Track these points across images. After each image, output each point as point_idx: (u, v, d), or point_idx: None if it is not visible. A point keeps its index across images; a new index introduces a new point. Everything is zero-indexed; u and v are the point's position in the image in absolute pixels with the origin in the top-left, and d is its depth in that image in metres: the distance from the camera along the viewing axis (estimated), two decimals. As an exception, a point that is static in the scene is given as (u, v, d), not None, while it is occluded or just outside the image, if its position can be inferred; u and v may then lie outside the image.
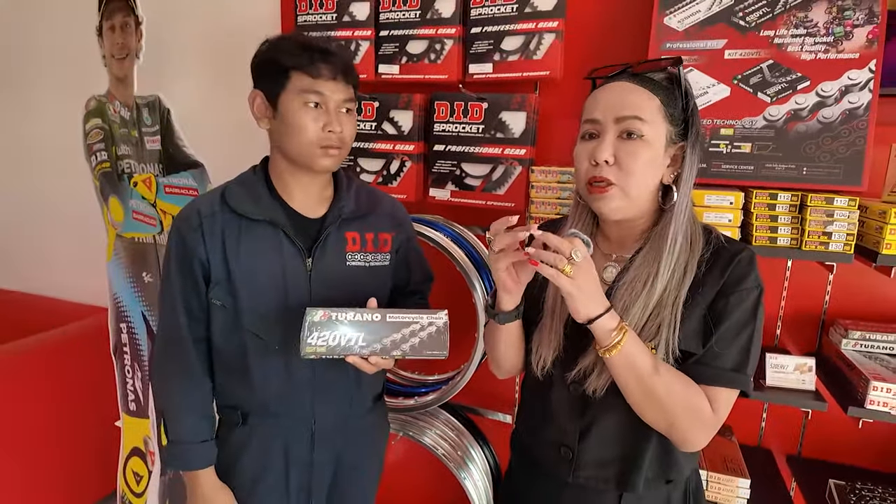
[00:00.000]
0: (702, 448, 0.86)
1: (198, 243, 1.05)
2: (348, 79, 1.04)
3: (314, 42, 1.02)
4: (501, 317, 0.91)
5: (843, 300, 1.41)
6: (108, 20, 1.75)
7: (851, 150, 1.22)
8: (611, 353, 0.79)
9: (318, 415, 1.13)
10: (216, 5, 2.00)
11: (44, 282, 2.62)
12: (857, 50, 1.22)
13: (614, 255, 0.92)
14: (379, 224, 1.16)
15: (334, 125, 1.02)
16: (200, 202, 1.09)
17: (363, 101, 1.66)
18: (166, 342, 1.12)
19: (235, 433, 1.13)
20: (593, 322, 0.78)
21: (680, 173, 0.85)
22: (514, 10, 1.47)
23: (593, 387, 0.86)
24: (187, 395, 1.11)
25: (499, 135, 1.54)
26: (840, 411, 1.23)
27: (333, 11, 1.66)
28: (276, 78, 1.02)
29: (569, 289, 0.76)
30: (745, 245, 0.87)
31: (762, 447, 1.52)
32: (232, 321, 1.08)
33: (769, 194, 1.22)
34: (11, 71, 2.53)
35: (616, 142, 0.83)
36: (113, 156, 1.82)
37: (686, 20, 1.34)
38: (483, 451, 1.73)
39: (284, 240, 1.06)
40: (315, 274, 1.08)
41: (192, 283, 1.07)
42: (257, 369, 1.09)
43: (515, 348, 0.97)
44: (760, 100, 1.29)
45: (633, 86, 0.83)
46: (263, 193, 1.08)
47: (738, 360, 0.82)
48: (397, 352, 0.96)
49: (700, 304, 0.83)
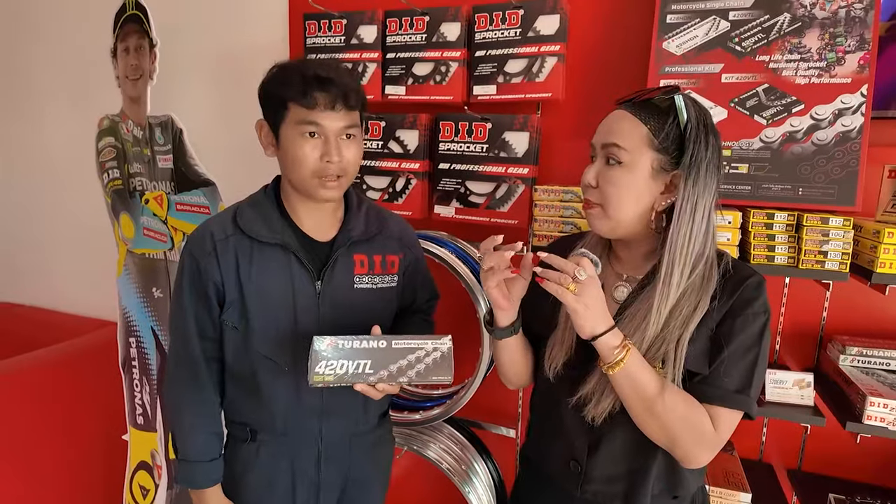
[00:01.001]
0: (705, 465, 0.88)
1: (212, 267, 1.06)
2: (349, 105, 1.02)
3: (313, 71, 1.00)
4: (498, 332, 0.94)
5: (840, 317, 1.44)
6: (122, 42, 1.80)
7: (845, 171, 1.26)
8: (613, 370, 0.81)
9: (326, 434, 1.14)
10: (227, 29, 2.06)
11: (53, 296, 2.65)
12: (850, 75, 1.26)
13: (626, 275, 0.94)
14: (387, 246, 1.17)
15: (332, 155, 1.01)
16: (213, 224, 1.09)
17: (370, 121, 1.71)
18: (178, 362, 1.12)
19: (243, 449, 1.15)
20: (597, 339, 0.81)
21: (673, 202, 0.84)
22: (518, 34, 1.52)
23: (592, 415, 0.88)
24: (198, 415, 1.13)
25: (502, 154, 1.58)
26: (839, 426, 1.25)
27: (342, 34, 1.71)
28: (276, 109, 1.03)
29: (573, 305, 0.79)
30: (755, 270, 0.88)
31: (763, 462, 1.54)
32: (243, 343, 1.09)
33: (766, 214, 1.26)
34: (25, 89, 2.58)
35: (601, 166, 0.87)
36: (125, 173, 1.86)
37: (684, 45, 1.39)
38: (487, 466, 1.74)
39: (295, 263, 1.07)
40: (324, 297, 1.09)
41: (205, 306, 1.08)
42: (267, 389, 1.10)
43: (520, 363, 1.00)
44: (757, 122, 1.33)
45: (627, 114, 0.87)
46: (275, 217, 1.09)
47: (742, 382, 0.83)
48: (404, 378, 0.97)
49: (708, 325, 0.85)
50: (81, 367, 2.18)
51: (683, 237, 0.83)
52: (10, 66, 2.58)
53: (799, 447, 1.51)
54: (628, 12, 1.52)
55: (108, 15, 1.85)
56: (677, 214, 0.83)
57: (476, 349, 1.60)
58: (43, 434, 2.04)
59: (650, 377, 0.82)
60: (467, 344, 1.77)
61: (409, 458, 1.90)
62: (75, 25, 2.39)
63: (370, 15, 1.66)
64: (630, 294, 0.91)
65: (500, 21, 1.53)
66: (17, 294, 2.74)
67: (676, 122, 0.84)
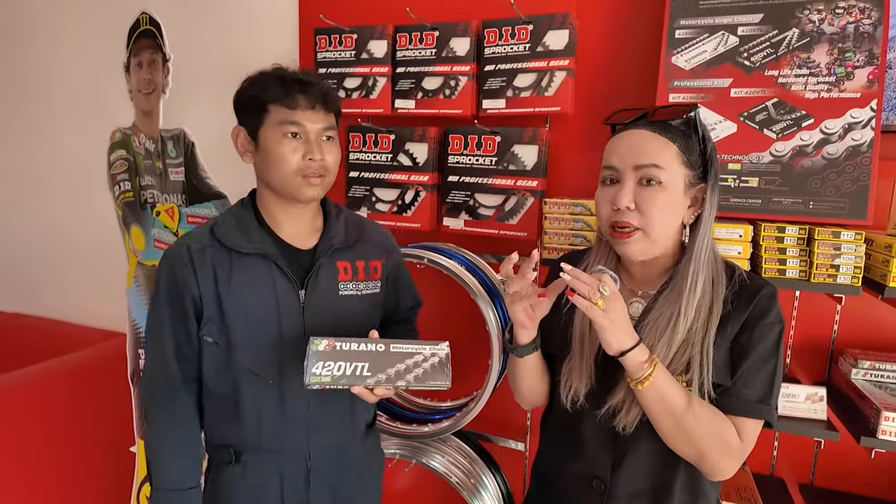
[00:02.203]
0: (728, 477, 0.87)
1: (190, 280, 1.03)
2: (328, 107, 1.05)
3: (291, 74, 1.03)
4: (520, 350, 0.94)
5: (851, 330, 1.44)
6: (135, 56, 1.83)
7: (856, 185, 1.26)
8: (643, 384, 0.81)
9: (314, 448, 1.11)
10: (239, 43, 2.08)
11: (63, 307, 2.66)
12: (859, 90, 1.26)
13: (640, 290, 0.94)
14: (369, 252, 1.16)
15: (315, 153, 1.02)
16: (189, 238, 1.07)
17: (380, 134, 1.72)
18: (154, 385, 1.09)
19: (227, 472, 1.10)
20: (625, 354, 0.81)
21: (700, 213, 0.88)
22: (527, 48, 1.53)
23: (623, 423, 0.88)
24: (176, 442, 1.08)
25: (511, 167, 1.59)
26: (852, 441, 1.24)
27: (352, 49, 1.73)
28: (256, 113, 1.03)
29: (601, 321, 0.79)
30: (767, 281, 0.90)
31: (775, 476, 1.53)
32: (224, 358, 1.06)
33: (777, 227, 1.26)
34: (40, 105, 2.61)
35: (636, 188, 0.86)
36: (136, 186, 1.88)
37: (693, 59, 1.40)
38: (496, 479, 1.73)
39: (276, 272, 1.06)
40: (308, 305, 1.07)
41: (182, 322, 1.05)
42: (250, 406, 1.07)
43: (538, 381, 0.99)
44: (766, 136, 1.33)
45: (651, 133, 0.87)
46: (253, 226, 1.07)
47: (763, 392, 0.85)
48: (401, 382, 0.96)
49: (726, 339, 0.86)
50: (91, 378, 2.19)
51: (706, 245, 0.87)
52: (27, 83, 2.62)
53: (811, 462, 1.49)
54: (637, 27, 1.53)
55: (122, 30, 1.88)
56: (703, 225, 0.87)
57: (485, 361, 1.60)
58: (51, 444, 2.04)
59: (678, 391, 0.82)
60: (476, 356, 1.77)
61: (418, 470, 1.89)
62: (90, 42, 2.42)
63: (380, 30, 1.68)
64: (644, 309, 0.92)
65: (510, 36, 1.55)
66: (28, 305, 2.76)
67: (697, 138, 0.87)
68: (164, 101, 1.80)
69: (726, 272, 0.89)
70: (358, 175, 1.77)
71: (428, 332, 1.90)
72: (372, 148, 1.75)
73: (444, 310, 1.86)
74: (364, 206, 1.78)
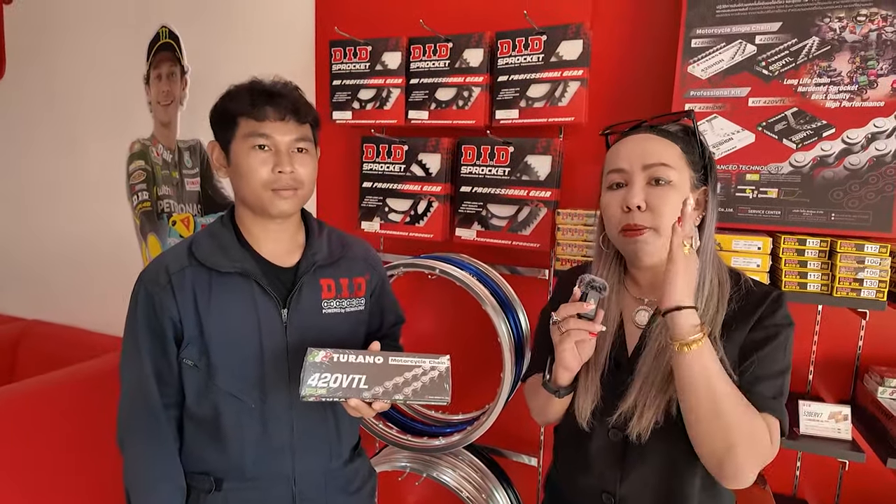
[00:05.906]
0: (747, 485, 0.82)
1: (169, 302, 0.99)
2: (300, 118, 1.01)
3: (260, 86, 1.01)
4: (562, 392, 0.92)
5: (877, 346, 1.39)
6: (155, 69, 1.87)
7: (880, 196, 1.22)
8: (690, 347, 0.77)
9: (299, 474, 1.07)
10: (255, 56, 2.11)
11: (83, 314, 2.71)
12: (883, 98, 1.23)
13: (646, 298, 0.93)
14: (352, 269, 1.13)
15: (284, 165, 0.99)
16: (167, 258, 1.03)
17: (393, 144, 1.72)
18: (133, 411, 1.02)
19: (208, 502, 1.04)
20: (680, 310, 0.77)
21: (704, 216, 0.89)
22: (541, 59, 1.52)
23: (636, 430, 0.85)
24: (158, 468, 1.02)
25: (524, 177, 1.58)
26: (879, 462, 1.19)
27: (367, 61, 1.74)
28: (227, 126, 1.01)
29: (681, 264, 0.77)
30: (773, 286, 0.91)
31: (797, 497, 1.47)
32: (204, 382, 1.01)
33: (797, 240, 1.22)
34: (61, 113, 2.68)
35: (646, 188, 0.86)
36: (154, 195, 1.91)
37: (710, 69, 1.37)
38: (508, 494, 1.70)
39: (258, 291, 1.02)
40: (291, 325, 1.03)
41: (161, 346, 1.00)
42: (232, 431, 1.02)
43: (563, 408, 0.98)
44: (786, 146, 1.30)
45: (653, 136, 0.88)
46: (232, 244, 1.03)
47: (777, 390, 0.83)
48: (399, 396, 0.92)
49: (736, 341, 0.85)
50: (109, 385, 2.20)
51: (711, 247, 0.88)
52: (52, 94, 2.69)
53: (836, 483, 1.44)
54: (651, 37, 1.51)
55: (143, 44, 1.92)
56: (707, 227, 0.88)
57: (497, 374, 1.57)
58: (70, 450, 2.06)
59: (721, 368, 0.78)
60: (488, 369, 1.75)
61: (428, 485, 1.87)
62: (113, 55, 2.48)
63: (395, 42, 1.69)
64: (652, 315, 0.90)
65: (523, 47, 1.54)
66: (48, 312, 2.81)
67: (696, 141, 0.89)
68: (182, 113, 1.83)
69: (731, 276, 0.89)
70: (371, 185, 1.78)
71: (439, 344, 1.90)
72: (385, 158, 1.75)
73: (455, 321, 1.85)
74: (377, 217, 1.78)
